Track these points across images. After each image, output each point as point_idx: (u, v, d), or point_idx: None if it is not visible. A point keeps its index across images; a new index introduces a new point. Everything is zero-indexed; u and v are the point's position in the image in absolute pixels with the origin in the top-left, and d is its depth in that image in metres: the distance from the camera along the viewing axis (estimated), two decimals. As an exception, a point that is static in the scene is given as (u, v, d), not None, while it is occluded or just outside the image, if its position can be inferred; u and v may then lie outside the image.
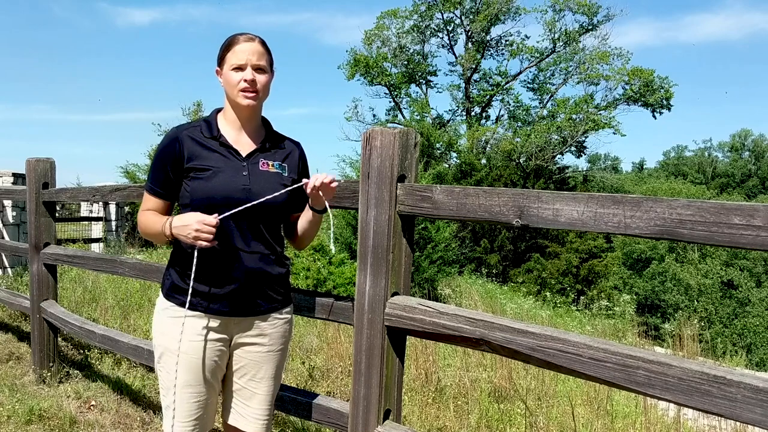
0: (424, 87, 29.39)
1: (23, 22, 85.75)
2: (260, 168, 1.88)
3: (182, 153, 1.83)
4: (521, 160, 24.84)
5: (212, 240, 1.72)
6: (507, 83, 28.04)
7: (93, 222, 13.80)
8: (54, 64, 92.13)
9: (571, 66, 26.69)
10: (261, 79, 1.83)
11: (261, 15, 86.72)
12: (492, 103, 28.83)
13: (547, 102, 27.83)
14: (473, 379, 4.18)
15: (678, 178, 52.29)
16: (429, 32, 28.17)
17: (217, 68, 1.89)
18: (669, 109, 26.67)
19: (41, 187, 4.03)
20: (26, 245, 4.25)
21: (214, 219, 1.72)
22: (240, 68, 1.81)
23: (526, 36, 31.01)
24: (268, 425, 1.99)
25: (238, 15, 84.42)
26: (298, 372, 4.25)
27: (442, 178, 20.98)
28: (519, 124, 27.42)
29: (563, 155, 26.89)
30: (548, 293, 17.02)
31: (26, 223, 4.31)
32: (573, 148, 26.94)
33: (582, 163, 58.94)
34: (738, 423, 2.07)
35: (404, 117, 28.87)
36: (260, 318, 1.92)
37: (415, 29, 27.86)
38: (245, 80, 1.80)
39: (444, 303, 2.96)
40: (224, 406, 2.01)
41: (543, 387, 4.14)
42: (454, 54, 28.53)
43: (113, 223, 14.17)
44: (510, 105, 28.46)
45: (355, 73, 28.06)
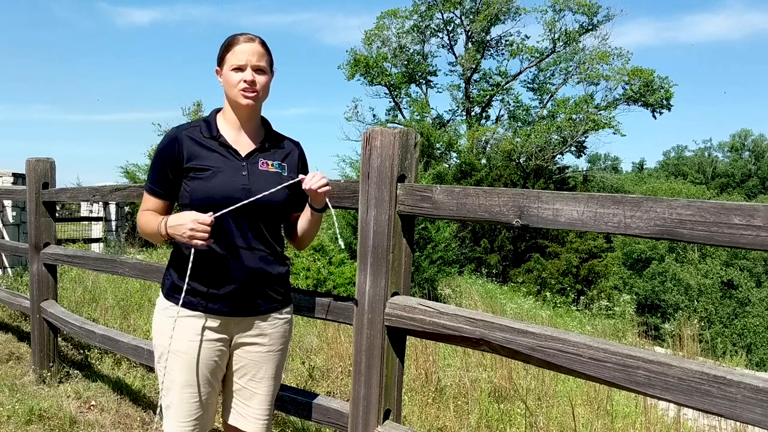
0: (424, 87, 29.41)
1: (23, 22, 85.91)
2: (260, 168, 1.88)
3: (181, 153, 1.83)
4: (521, 160, 24.84)
5: (207, 239, 1.72)
6: (507, 83, 28.06)
7: (93, 222, 13.80)
8: (54, 64, 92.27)
9: (571, 66, 26.71)
10: (261, 80, 1.83)
11: (261, 15, 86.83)
12: (492, 103, 28.86)
13: (547, 102, 27.85)
14: (473, 379, 4.18)
15: (678, 178, 52.29)
16: (429, 32, 28.17)
17: (217, 68, 1.89)
18: (669, 109, 26.69)
19: (41, 187, 4.03)
20: (26, 245, 4.25)
21: (209, 218, 1.71)
22: (240, 69, 1.81)
23: (526, 36, 31.07)
24: (269, 425, 1.99)
25: (238, 15, 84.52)
26: (298, 372, 4.25)
27: (442, 178, 20.98)
28: (519, 124, 27.43)
29: (563, 155, 26.93)
30: (548, 293, 17.03)
31: (26, 223, 4.31)
32: (573, 148, 26.96)
33: (582, 163, 59.01)
34: (738, 423, 2.07)
35: (404, 117, 28.87)
36: (260, 318, 1.92)
37: (415, 29, 27.87)
38: (245, 81, 1.80)
39: (444, 303, 2.96)
40: (224, 406, 2.01)
41: (543, 387, 4.14)
42: (454, 54, 28.56)
43: (113, 223, 14.17)
44: (510, 105, 28.48)
45: (355, 73, 28.07)
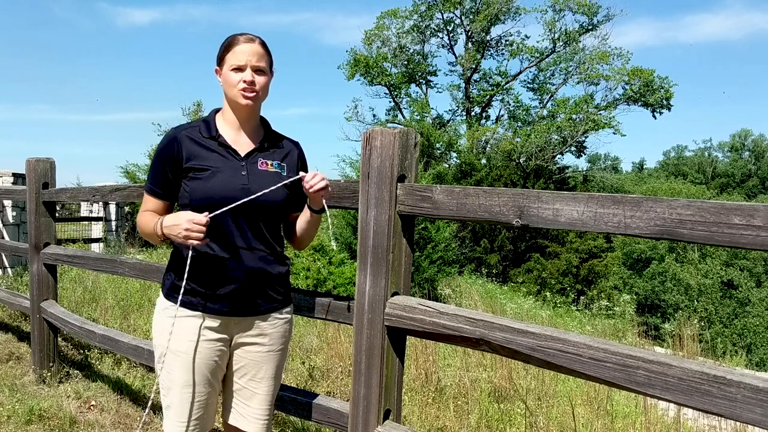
0: (424, 87, 29.41)
1: (23, 22, 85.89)
2: (259, 167, 1.88)
3: (180, 153, 1.83)
4: (521, 160, 24.85)
5: (203, 239, 1.71)
6: (507, 83, 28.06)
7: (93, 222, 13.80)
8: (54, 64, 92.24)
9: (571, 66, 26.71)
10: (260, 80, 1.83)
11: (261, 15, 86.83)
12: (492, 103, 28.86)
13: (547, 102, 27.85)
14: (473, 379, 4.18)
15: (678, 178, 52.28)
16: (429, 32, 28.17)
17: (217, 68, 1.89)
18: (669, 109, 26.70)
19: (41, 187, 4.03)
20: (26, 245, 4.25)
21: (204, 218, 1.71)
22: (240, 69, 1.81)
23: (526, 36, 31.05)
24: (269, 425, 1.99)
25: (238, 15, 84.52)
26: (298, 372, 4.25)
27: (442, 178, 20.99)
28: (519, 124, 27.43)
29: (563, 155, 26.93)
30: (548, 293, 17.03)
31: (26, 223, 4.31)
32: (573, 148, 26.96)
33: (582, 163, 59.00)
34: (738, 423, 2.07)
35: (404, 117, 28.87)
36: (260, 318, 1.92)
37: (415, 29, 27.86)
38: (244, 81, 1.80)
39: (444, 303, 2.96)
40: (224, 406, 2.01)
41: (543, 387, 4.14)
42: (454, 54, 28.56)
43: (113, 223, 14.17)
44: (510, 105, 28.48)
45: (355, 73, 28.07)
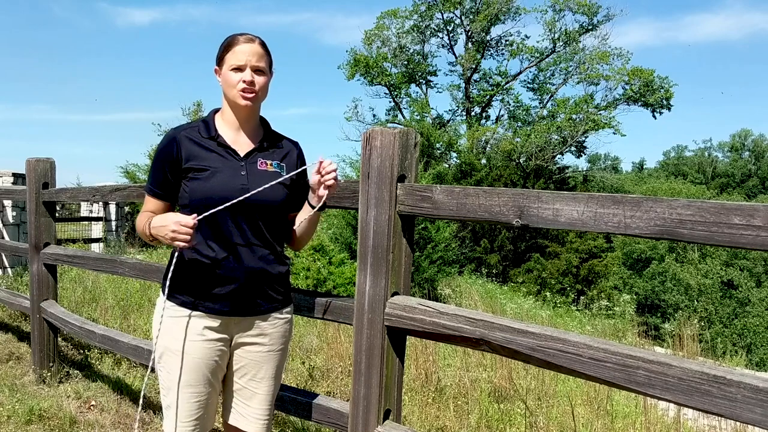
0: (424, 87, 29.42)
1: (23, 22, 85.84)
2: (258, 167, 1.87)
3: (180, 154, 1.83)
4: (521, 160, 24.85)
5: (190, 241, 1.71)
6: (507, 83, 28.07)
7: (93, 222, 13.80)
8: (54, 64, 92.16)
9: (571, 66, 26.73)
10: (260, 81, 1.83)
11: (261, 15, 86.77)
12: (492, 103, 28.88)
13: (547, 102, 27.86)
14: (473, 379, 4.18)
15: (678, 178, 52.28)
16: (429, 32, 28.18)
17: (216, 68, 1.89)
18: (669, 109, 26.71)
19: (41, 187, 4.03)
20: (26, 245, 4.25)
21: (192, 220, 1.70)
22: (239, 69, 1.81)
23: (526, 36, 31.07)
24: (269, 425, 1.99)
25: (238, 15, 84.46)
26: (298, 372, 4.25)
27: (442, 178, 21.01)
28: (519, 124, 27.44)
29: (563, 155, 26.94)
30: (548, 293, 17.03)
31: (26, 223, 4.31)
32: (573, 148, 26.97)
33: (582, 163, 58.97)
34: (738, 423, 2.07)
35: (404, 117, 28.88)
36: (260, 318, 1.92)
37: (415, 29, 27.87)
38: (244, 81, 1.80)
39: (444, 303, 2.96)
40: (224, 406, 2.01)
41: (543, 387, 4.14)
42: (454, 54, 28.57)
43: (113, 223, 14.17)
44: (510, 105, 28.50)
45: (355, 73, 28.08)
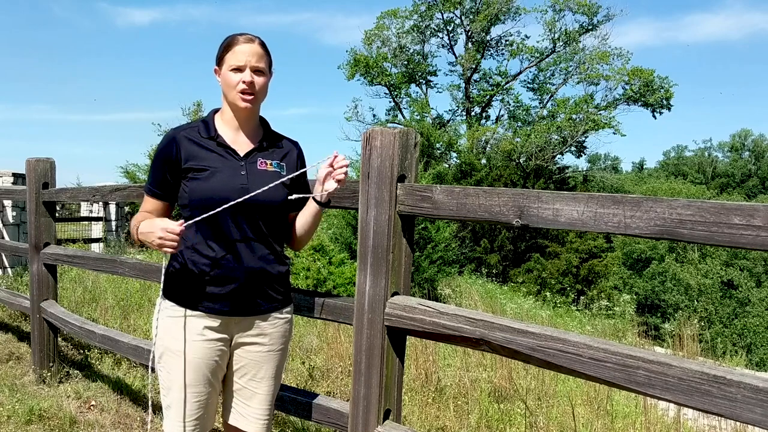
0: (424, 87, 29.43)
1: (23, 22, 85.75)
2: (258, 167, 1.87)
3: (179, 154, 1.83)
4: (521, 160, 24.86)
5: (176, 247, 1.71)
6: (507, 83, 28.09)
7: (93, 222, 13.80)
8: (54, 64, 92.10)
9: (571, 66, 26.74)
10: (259, 81, 1.83)
11: (261, 15, 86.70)
12: (492, 103, 28.89)
13: (547, 102, 27.87)
14: (473, 379, 4.18)
15: (678, 178, 52.28)
16: (429, 32, 28.19)
17: (216, 68, 1.89)
18: (669, 109, 26.73)
19: (41, 187, 4.03)
20: (26, 245, 4.25)
21: (179, 227, 1.70)
22: (239, 69, 1.81)
23: (526, 36, 31.07)
24: (269, 425, 1.99)
25: (238, 15, 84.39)
26: (298, 372, 4.25)
27: (442, 178, 21.01)
28: (519, 124, 27.45)
29: (563, 155, 26.96)
30: (548, 293, 17.04)
31: (26, 223, 4.31)
32: (573, 148, 26.98)
33: (582, 163, 58.95)
34: (738, 423, 2.07)
35: (404, 117, 28.89)
36: (261, 317, 1.92)
37: (415, 29, 27.88)
38: (244, 82, 1.80)
39: (444, 303, 2.96)
40: (224, 406, 2.01)
41: (543, 387, 4.14)
42: (454, 54, 28.58)
43: (113, 223, 14.16)
44: (510, 105, 28.51)
45: (355, 73, 28.09)
